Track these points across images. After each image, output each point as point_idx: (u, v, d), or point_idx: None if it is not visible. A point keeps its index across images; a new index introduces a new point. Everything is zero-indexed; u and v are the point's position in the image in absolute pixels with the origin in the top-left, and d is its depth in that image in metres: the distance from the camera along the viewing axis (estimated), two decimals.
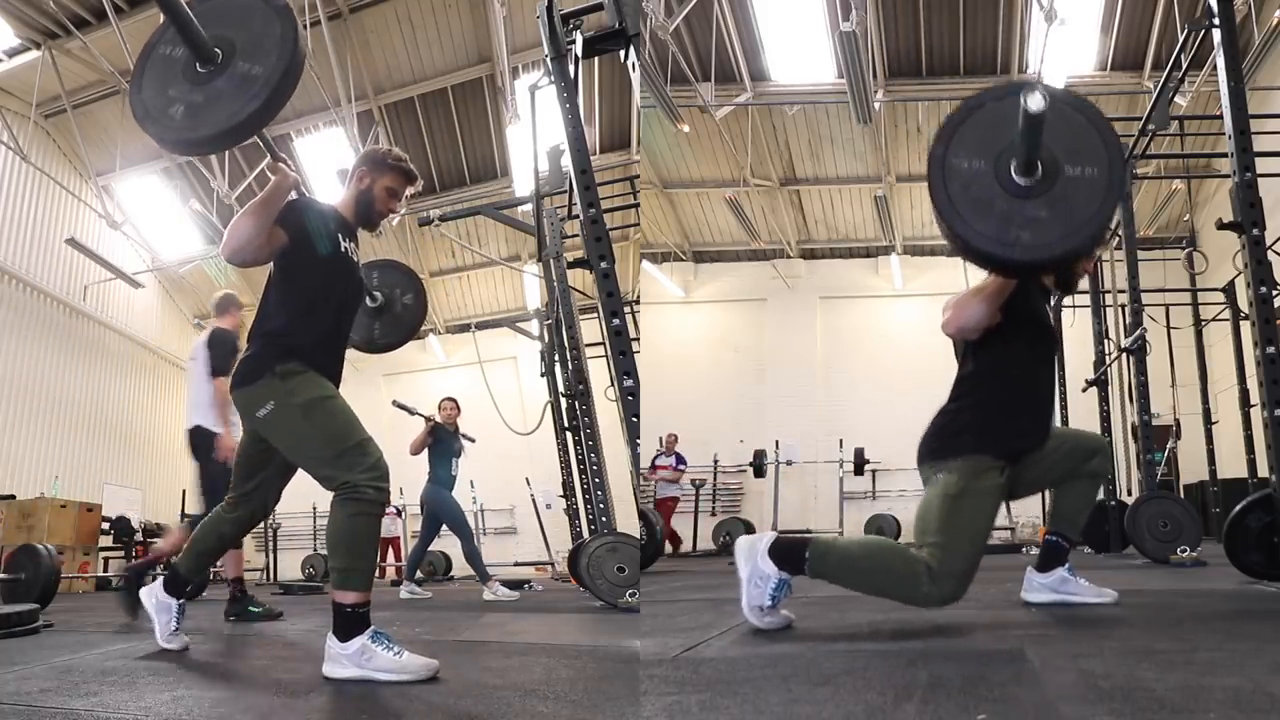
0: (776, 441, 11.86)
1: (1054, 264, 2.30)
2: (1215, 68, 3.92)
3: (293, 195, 2.48)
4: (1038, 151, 2.15)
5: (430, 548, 6.91)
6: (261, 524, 9.71)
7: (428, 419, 6.61)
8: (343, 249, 2.55)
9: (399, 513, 11.69)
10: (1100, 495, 6.98)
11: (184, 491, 12.87)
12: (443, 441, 6.61)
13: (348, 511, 2.22)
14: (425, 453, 6.59)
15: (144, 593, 2.88)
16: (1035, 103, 2.03)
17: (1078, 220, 2.17)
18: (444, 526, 6.61)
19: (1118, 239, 6.66)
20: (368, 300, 3.72)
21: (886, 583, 2.40)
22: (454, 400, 6.85)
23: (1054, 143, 2.17)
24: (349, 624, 2.17)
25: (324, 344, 2.49)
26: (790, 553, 2.39)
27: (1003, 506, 2.65)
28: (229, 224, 2.38)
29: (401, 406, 6.72)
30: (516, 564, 12.08)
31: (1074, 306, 8.63)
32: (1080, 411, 9.02)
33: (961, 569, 2.37)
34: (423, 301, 3.85)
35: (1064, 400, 9.20)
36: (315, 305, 2.48)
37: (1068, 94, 2.34)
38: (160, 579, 2.89)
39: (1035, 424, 2.68)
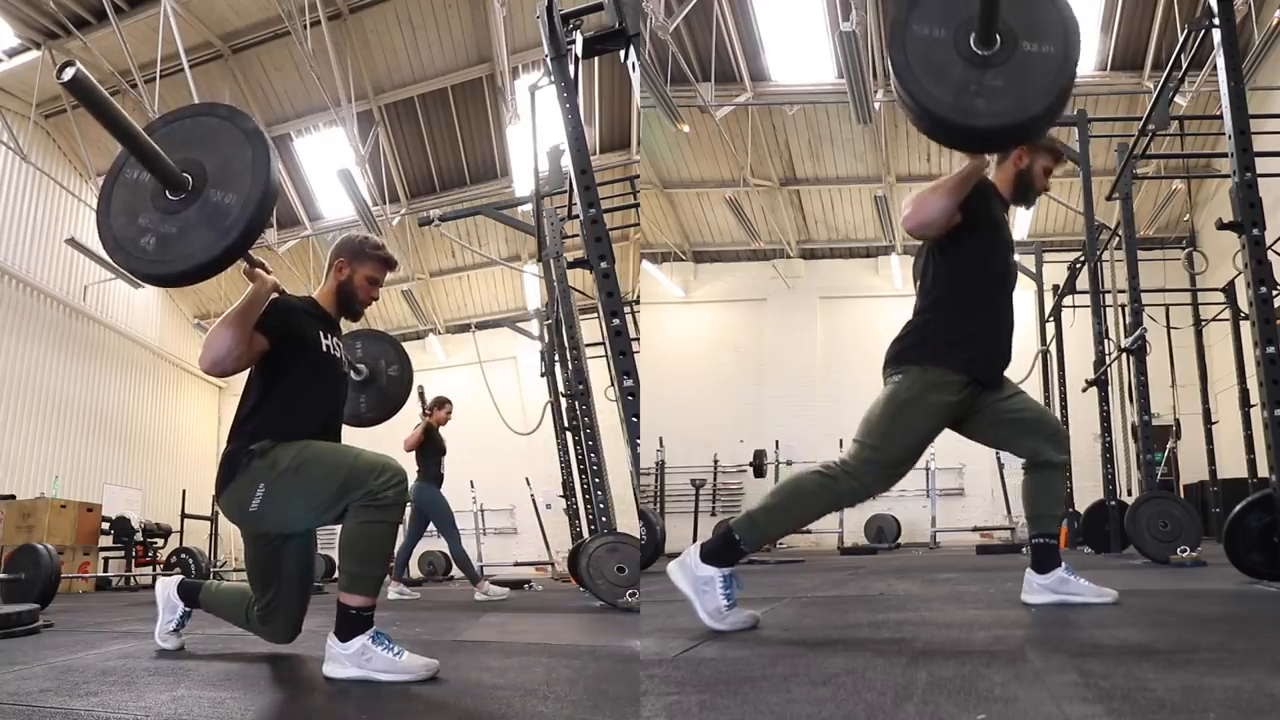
0: (776, 441, 11.87)
1: (1007, 134, 2.32)
2: (1215, 68, 3.92)
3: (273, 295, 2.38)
4: (996, 22, 2.19)
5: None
6: None
7: (425, 413, 6.67)
8: (324, 347, 2.48)
9: None
10: (1100, 495, 7.00)
11: (184, 491, 12.89)
12: (434, 440, 6.65)
13: (366, 518, 2.19)
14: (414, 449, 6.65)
15: (159, 585, 2.90)
16: None
17: (1032, 92, 2.22)
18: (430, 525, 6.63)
19: (1118, 239, 6.65)
20: (353, 375, 3.60)
21: (809, 505, 2.43)
22: (450, 403, 6.95)
23: (1015, 18, 2.22)
24: (351, 625, 2.17)
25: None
26: (720, 546, 2.39)
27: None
28: (206, 334, 2.27)
29: (422, 399, 6.75)
30: (516, 564, 12.07)
31: (1074, 307, 8.64)
32: (1080, 411, 9.03)
33: (884, 465, 2.42)
34: (409, 372, 3.78)
35: (1064, 400, 9.24)
36: (299, 406, 2.40)
37: None
38: (179, 578, 2.90)
39: (992, 351, 2.63)
